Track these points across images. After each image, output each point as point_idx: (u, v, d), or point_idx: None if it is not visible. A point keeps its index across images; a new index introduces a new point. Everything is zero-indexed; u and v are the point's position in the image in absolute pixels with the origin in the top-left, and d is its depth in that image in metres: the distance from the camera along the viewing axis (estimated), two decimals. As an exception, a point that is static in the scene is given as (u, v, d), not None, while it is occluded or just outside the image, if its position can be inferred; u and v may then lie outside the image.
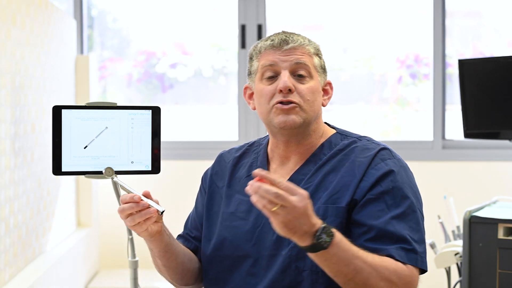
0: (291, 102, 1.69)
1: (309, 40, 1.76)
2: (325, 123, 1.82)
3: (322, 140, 1.77)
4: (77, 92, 3.68)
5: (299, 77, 1.71)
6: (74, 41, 3.69)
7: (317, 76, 1.74)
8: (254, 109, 1.79)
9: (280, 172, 1.76)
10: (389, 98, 4.20)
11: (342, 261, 1.51)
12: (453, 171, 3.88)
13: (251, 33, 4.05)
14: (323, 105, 1.77)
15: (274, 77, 1.72)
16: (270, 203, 1.43)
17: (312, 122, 1.73)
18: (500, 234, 2.40)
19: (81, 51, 4.09)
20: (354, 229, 1.65)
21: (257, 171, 1.45)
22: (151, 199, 1.61)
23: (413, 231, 1.64)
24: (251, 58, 1.78)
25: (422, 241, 1.66)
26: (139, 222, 1.60)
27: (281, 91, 1.69)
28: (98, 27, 4.31)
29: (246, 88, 1.82)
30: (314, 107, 1.72)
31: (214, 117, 4.26)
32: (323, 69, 1.77)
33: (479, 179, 3.84)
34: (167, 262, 1.74)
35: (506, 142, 3.80)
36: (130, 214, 1.60)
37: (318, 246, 1.47)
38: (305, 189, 1.68)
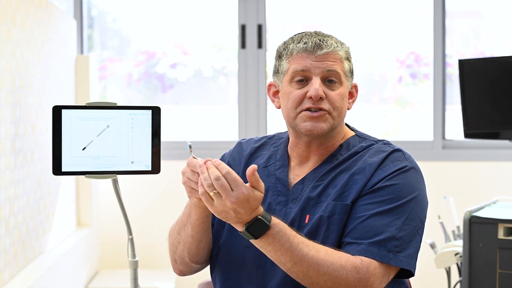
0: (320, 109, 1.69)
1: (341, 44, 1.75)
2: (345, 124, 1.84)
3: (341, 141, 1.78)
4: (77, 92, 3.68)
5: (329, 83, 1.71)
6: (74, 41, 3.69)
7: (346, 82, 1.74)
8: (279, 107, 1.79)
9: (298, 170, 1.78)
10: (389, 98, 4.20)
11: (278, 251, 1.54)
12: (453, 171, 3.88)
13: (251, 33, 4.05)
14: (348, 109, 1.78)
15: (303, 81, 1.71)
16: (209, 186, 1.48)
17: (337, 126, 1.75)
18: (500, 234, 2.40)
19: (81, 51, 4.09)
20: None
21: (216, 160, 1.51)
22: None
23: (397, 229, 1.62)
24: (280, 57, 1.76)
25: (405, 242, 1.62)
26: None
27: (311, 97, 1.69)
28: (98, 27, 4.31)
29: (271, 85, 1.81)
30: (342, 113, 1.74)
31: (214, 117, 4.26)
32: (351, 73, 1.77)
33: (479, 179, 3.84)
34: (197, 233, 1.71)
35: (506, 142, 3.80)
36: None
37: (246, 235, 1.53)
38: (317, 185, 1.71)
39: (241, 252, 1.73)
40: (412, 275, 1.66)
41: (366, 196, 1.66)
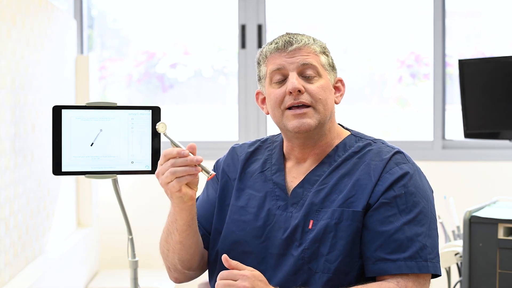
0: (303, 104, 1.68)
1: (314, 39, 1.75)
2: (339, 124, 1.82)
3: (337, 142, 1.76)
4: (77, 92, 3.68)
5: (308, 78, 1.70)
6: (74, 41, 3.69)
7: (326, 75, 1.73)
8: (268, 113, 1.78)
9: (295, 172, 1.76)
10: (389, 98, 4.20)
11: None
12: (453, 171, 3.88)
13: (251, 33, 4.05)
14: (336, 103, 1.77)
15: (283, 81, 1.71)
16: None
17: (326, 121, 1.72)
18: (500, 234, 2.40)
19: (81, 51, 4.09)
20: (364, 234, 1.65)
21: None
22: (195, 154, 1.59)
23: (425, 237, 1.63)
24: (258, 63, 1.78)
25: (434, 246, 1.65)
26: (177, 177, 1.57)
27: (290, 93, 1.68)
28: (98, 27, 4.31)
29: (258, 93, 1.82)
30: (327, 105, 1.71)
31: (214, 117, 4.26)
32: (332, 67, 1.76)
33: (479, 179, 3.84)
34: (185, 239, 1.71)
35: (506, 142, 3.80)
36: (173, 167, 1.57)
37: None
38: (320, 190, 1.70)
39: (239, 258, 1.71)
40: (439, 276, 1.67)
41: (386, 207, 1.64)
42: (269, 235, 1.71)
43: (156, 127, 1.63)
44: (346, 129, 1.82)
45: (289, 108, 1.69)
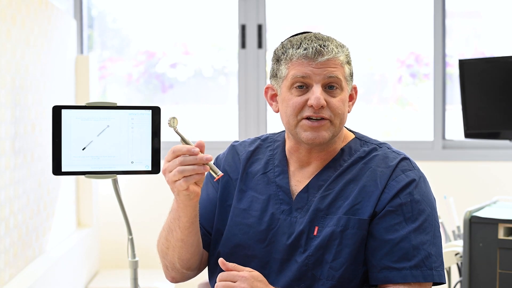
0: (321, 118, 1.64)
1: (341, 47, 1.70)
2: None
3: (342, 145, 1.74)
4: (77, 92, 3.68)
5: (330, 89, 1.66)
6: (74, 41, 3.69)
7: (346, 86, 1.69)
8: (277, 111, 1.73)
9: (298, 176, 1.73)
10: (389, 98, 4.20)
11: None
12: (453, 171, 3.88)
13: (251, 33, 4.05)
14: (348, 112, 1.73)
15: (303, 87, 1.66)
16: None
17: (339, 132, 1.70)
18: (500, 234, 2.40)
19: (81, 51, 4.09)
20: (369, 241, 1.64)
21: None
22: (203, 152, 1.57)
23: (430, 245, 1.63)
24: (278, 61, 1.70)
25: (439, 255, 1.65)
26: (185, 176, 1.53)
27: (312, 105, 1.63)
28: (98, 27, 4.31)
29: (268, 88, 1.75)
30: (343, 119, 1.69)
31: (214, 117, 4.26)
32: (351, 76, 1.72)
33: (479, 179, 3.84)
34: (187, 236, 1.67)
35: (506, 142, 3.80)
36: (181, 165, 1.53)
37: None
38: (325, 196, 1.68)
39: (242, 262, 1.68)
40: (443, 283, 1.67)
41: (392, 215, 1.63)
42: (273, 239, 1.68)
43: (168, 121, 1.61)
44: (350, 131, 1.80)
45: (306, 118, 1.65)
